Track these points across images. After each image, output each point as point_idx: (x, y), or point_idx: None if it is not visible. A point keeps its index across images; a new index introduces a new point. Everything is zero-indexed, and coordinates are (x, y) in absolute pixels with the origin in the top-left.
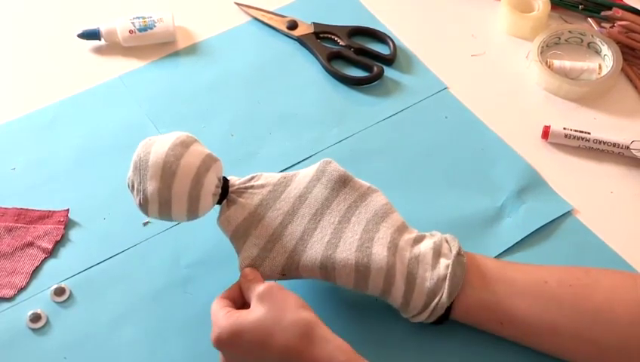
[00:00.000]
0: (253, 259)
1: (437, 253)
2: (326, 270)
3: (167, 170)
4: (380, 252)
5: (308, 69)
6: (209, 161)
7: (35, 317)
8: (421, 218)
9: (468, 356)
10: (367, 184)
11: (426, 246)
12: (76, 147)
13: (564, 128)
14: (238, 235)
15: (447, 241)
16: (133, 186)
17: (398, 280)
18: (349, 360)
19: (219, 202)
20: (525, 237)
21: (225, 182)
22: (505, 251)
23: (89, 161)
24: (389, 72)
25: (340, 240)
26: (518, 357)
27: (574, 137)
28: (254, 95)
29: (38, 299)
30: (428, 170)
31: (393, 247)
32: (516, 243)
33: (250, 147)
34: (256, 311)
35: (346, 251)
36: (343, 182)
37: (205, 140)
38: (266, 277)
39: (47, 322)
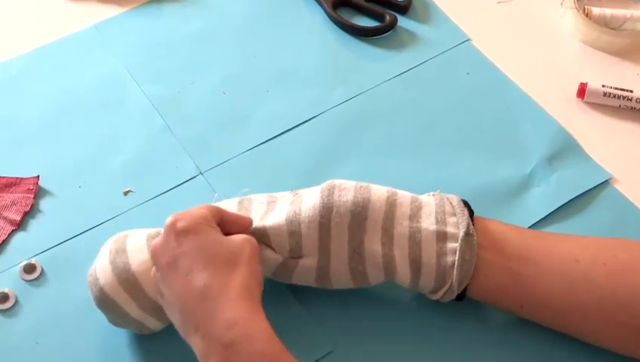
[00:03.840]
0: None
1: (442, 235)
2: (322, 284)
3: (130, 285)
4: (374, 252)
5: (310, 17)
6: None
7: (3, 297)
8: (438, 186)
9: (483, 332)
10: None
11: (427, 228)
12: (46, 105)
13: (603, 86)
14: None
15: (453, 213)
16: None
17: (402, 267)
18: (265, 332)
19: None
20: (556, 209)
21: None
22: (533, 225)
23: (61, 121)
24: (402, 22)
25: (330, 255)
26: (537, 334)
27: (614, 96)
28: (249, 47)
29: (5, 276)
30: (446, 133)
31: (388, 241)
32: (546, 215)
33: (245, 107)
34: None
35: (340, 268)
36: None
37: (193, 98)
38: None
39: (17, 302)
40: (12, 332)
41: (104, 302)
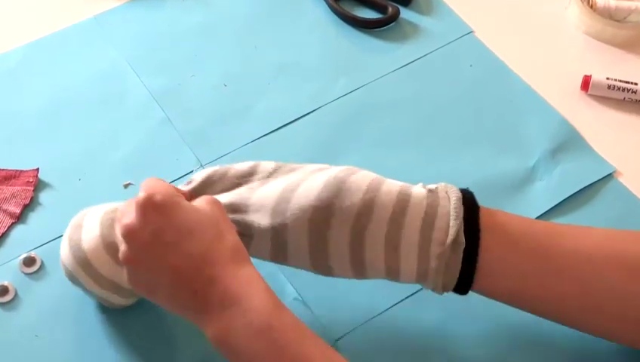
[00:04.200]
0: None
1: (426, 239)
2: (277, 261)
3: (83, 263)
4: (341, 253)
5: (312, 9)
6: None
7: (2, 291)
8: (440, 180)
9: (490, 326)
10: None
11: (410, 235)
12: (46, 97)
13: (607, 78)
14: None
15: (447, 213)
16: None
17: (375, 271)
18: (264, 289)
19: None
20: (560, 203)
21: None
22: (536, 218)
23: (61, 113)
24: (405, 14)
25: (287, 246)
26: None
27: (619, 88)
28: (250, 40)
29: (5, 269)
30: (449, 126)
31: (359, 246)
32: (549, 209)
33: (246, 100)
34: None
35: (300, 261)
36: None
37: (194, 91)
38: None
39: (16, 296)
40: (11, 326)
41: (69, 276)
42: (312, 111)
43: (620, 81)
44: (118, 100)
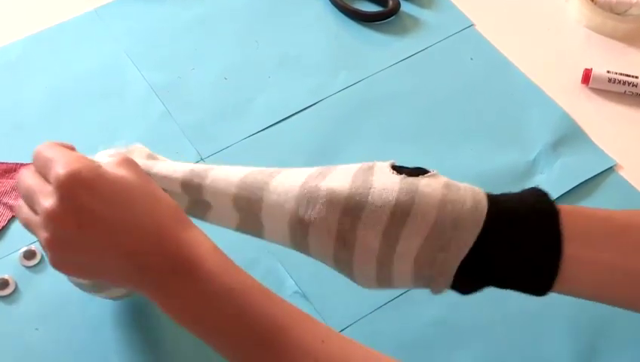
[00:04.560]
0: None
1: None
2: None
3: None
4: (324, 253)
5: (312, 2)
6: None
7: (3, 284)
8: (441, 173)
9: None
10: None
11: (402, 263)
12: (46, 90)
13: (608, 72)
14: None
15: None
16: None
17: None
18: (215, 251)
19: None
20: (560, 196)
21: None
22: None
23: (61, 107)
24: (405, 7)
25: (264, 226)
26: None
27: (619, 82)
28: (251, 33)
29: (5, 263)
30: (449, 120)
31: (347, 258)
32: None
33: (246, 93)
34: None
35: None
36: None
37: (195, 84)
38: None
39: (16, 289)
40: (12, 319)
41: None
42: (312, 105)
43: (621, 74)
44: (118, 94)
